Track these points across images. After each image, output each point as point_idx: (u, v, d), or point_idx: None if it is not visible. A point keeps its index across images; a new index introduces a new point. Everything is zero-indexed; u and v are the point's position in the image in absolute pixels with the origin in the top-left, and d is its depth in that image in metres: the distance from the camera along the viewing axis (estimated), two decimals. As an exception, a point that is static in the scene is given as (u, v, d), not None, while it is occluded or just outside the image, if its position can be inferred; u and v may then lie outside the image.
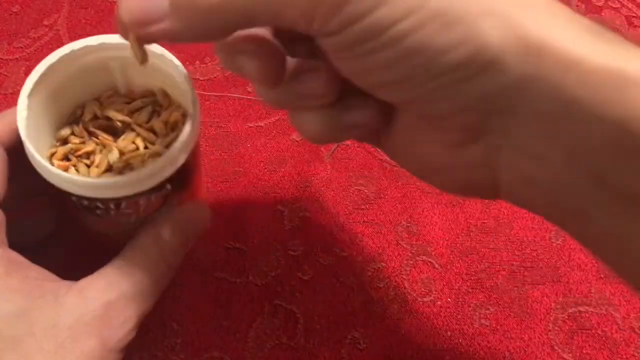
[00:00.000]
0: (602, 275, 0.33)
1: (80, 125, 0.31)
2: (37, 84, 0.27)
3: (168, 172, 0.26)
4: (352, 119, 0.23)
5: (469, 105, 0.18)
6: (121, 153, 0.29)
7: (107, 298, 0.23)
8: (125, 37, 0.20)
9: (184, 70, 0.27)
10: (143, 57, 0.21)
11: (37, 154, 0.25)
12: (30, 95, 0.26)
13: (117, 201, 0.26)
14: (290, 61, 0.22)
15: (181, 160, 0.26)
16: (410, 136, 0.22)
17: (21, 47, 0.43)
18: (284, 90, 0.22)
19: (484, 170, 0.20)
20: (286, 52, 0.22)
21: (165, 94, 0.31)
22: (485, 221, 0.35)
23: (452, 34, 0.16)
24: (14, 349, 0.21)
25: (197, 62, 0.42)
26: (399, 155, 0.24)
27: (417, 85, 0.18)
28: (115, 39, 0.28)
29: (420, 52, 0.17)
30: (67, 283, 0.24)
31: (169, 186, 0.27)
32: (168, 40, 0.19)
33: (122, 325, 0.23)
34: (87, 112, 0.31)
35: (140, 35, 0.19)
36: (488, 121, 0.18)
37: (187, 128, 0.26)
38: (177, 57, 0.28)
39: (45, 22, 0.45)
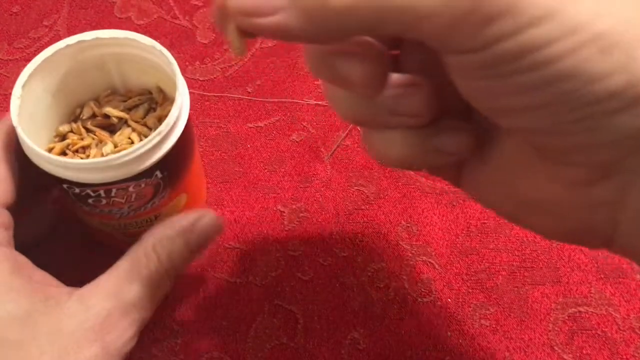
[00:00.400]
0: (602, 276, 0.33)
1: (79, 123, 0.31)
2: (33, 76, 0.27)
3: (155, 155, 0.26)
4: (443, 143, 0.20)
5: (611, 141, 0.16)
6: (115, 146, 0.29)
7: (108, 305, 0.23)
8: (221, 24, 0.18)
9: (170, 55, 0.27)
10: (242, 50, 0.18)
11: (28, 139, 0.25)
12: (24, 86, 0.27)
13: (107, 187, 0.26)
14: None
15: (168, 143, 0.26)
16: (514, 170, 0.20)
17: (21, 48, 0.43)
18: (375, 103, 0.20)
19: (603, 212, 0.18)
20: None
21: (161, 90, 0.31)
22: (485, 221, 0.35)
23: (609, 60, 0.15)
24: (18, 354, 0.21)
25: (197, 62, 0.42)
26: (490, 192, 0.22)
27: (556, 113, 0.16)
28: (109, 34, 0.28)
29: (570, 78, 0.15)
30: (68, 289, 0.24)
31: (159, 174, 0.27)
32: (275, 36, 0.17)
33: (123, 332, 0.23)
34: (85, 110, 0.31)
35: (245, 25, 0.17)
36: (627, 159, 0.16)
37: (173, 110, 0.26)
38: (178, 58, 0.28)
39: (45, 23, 0.45)
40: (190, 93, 0.29)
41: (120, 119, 0.31)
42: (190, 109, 0.28)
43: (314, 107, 0.40)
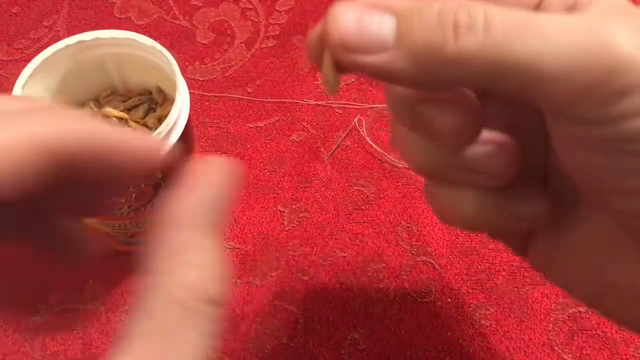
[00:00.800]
0: (602, 276, 0.33)
1: None
2: (32, 76, 0.27)
3: None
4: (520, 209, 0.18)
5: None
6: None
7: None
8: (316, 55, 0.17)
9: (170, 55, 0.27)
10: (335, 86, 0.16)
11: None
12: (24, 86, 0.27)
13: None
14: None
15: (168, 144, 0.26)
16: (598, 249, 0.18)
17: (21, 48, 0.43)
18: (454, 157, 0.18)
19: None
20: None
21: (161, 91, 0.31)
22: (485, 221, 0.35)
23: None
24: None
25: (197, 62, 0.42)
26: (563, 269, 0.20)
27: None
28: (109, 34, 0.28)
29: None
30: None
31: (159, 174, 0.27)
32: (374, 76, 0.15)
33: None
34: (85, 110, 0.31)
35: (344, 61, 0.15)
36: None
37: (173, 110, 0.26)
38: (177, 58, 0.28)
39: (45, 23, 0.45)
40: (190, 93, 0.29)
41: (120, 119, 0.31)
42: (190, 109, 0.28)
43: (314, 107, 0.40)
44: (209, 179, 0.16)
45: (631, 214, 0.16)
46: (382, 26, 0.15)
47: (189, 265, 0.14)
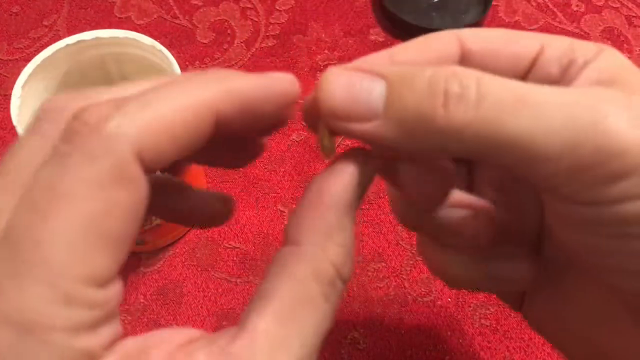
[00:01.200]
0: (602, 275, 0.33)
1: None
2: (33, 76, 0.27)
3: None
4: (500, 271, 0.19)
5: None
6: None
7: None
8: (311, 122, 0.17)
9: (170, 55, 0.27)
10: (332, 150, 0.17)
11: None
12: (25, 86, 0.27)
13: None
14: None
15: None
16: (593, 315, 0.18)
17: (21, 48, 0.43)
18: (435, 218, 0.18)
19: None
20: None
21: None
22: (485, 221, 0.35)
23: None
24: None
25: (197, 62, 0.42)
26: (557, 329, 0.19)
27: None
28: (109, 34, 0.28)
29: None
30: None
31: (159, 173, 0.27)
32: (366, 142, 0.15)
33: None
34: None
35: (336, 129, 0.15)
36: None
37: None
38: (178, 58, 0.28)
39: (45, 23, 0.45)
40: (190, 93, 0.29)
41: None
42: (190, 109, 0.28)
43: (314, 107, 0.40)
44: (355, 167, 0.16)
45: (628, 292, 0.16)
46: (372, 93, 0.14)
47: (335, 244, 0.15)
